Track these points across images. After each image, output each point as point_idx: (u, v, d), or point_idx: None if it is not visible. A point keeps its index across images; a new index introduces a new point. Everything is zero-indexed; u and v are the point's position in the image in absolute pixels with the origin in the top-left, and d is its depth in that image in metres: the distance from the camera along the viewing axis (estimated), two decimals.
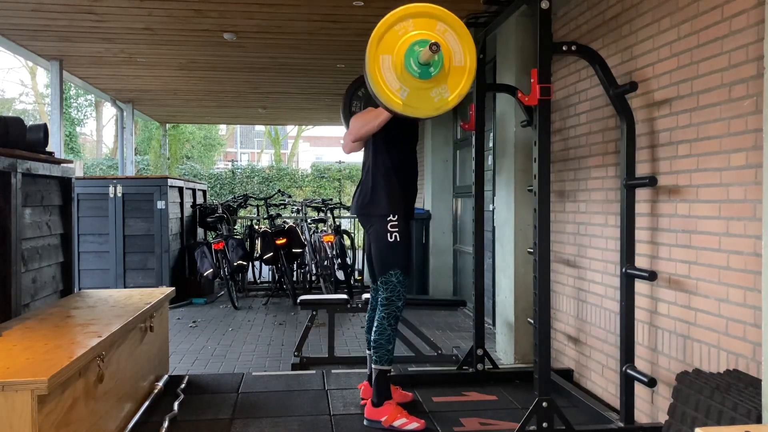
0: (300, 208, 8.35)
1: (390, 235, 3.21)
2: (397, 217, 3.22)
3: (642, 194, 3.08)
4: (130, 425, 3.01)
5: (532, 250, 3.05)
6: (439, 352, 4.55)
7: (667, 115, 2.91)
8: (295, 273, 7.93)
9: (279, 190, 9.84)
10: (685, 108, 2.77)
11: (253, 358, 4.80)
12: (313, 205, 8.48)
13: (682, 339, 2.80)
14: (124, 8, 4.80)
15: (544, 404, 2.83)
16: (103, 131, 23.05)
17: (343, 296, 4.88)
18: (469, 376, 3.90)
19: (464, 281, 6.89)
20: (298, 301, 4.78)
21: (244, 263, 7.37)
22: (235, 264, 7.17)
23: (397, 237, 3.21)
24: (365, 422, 3.21)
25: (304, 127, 24.34)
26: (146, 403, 3.32)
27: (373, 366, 3.23)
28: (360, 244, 9.07)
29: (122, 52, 6.17)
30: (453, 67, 2.72)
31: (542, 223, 2.89)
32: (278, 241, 7.34)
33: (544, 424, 2.82)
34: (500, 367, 4.08)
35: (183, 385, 3.77)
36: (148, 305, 3.33)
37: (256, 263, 8.10)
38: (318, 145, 39.01)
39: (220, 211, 7.86)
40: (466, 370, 3.93)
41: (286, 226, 7.65)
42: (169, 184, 6.89)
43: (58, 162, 3.74)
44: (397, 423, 3.13)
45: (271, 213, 8.42)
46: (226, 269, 7.07)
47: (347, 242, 7.97)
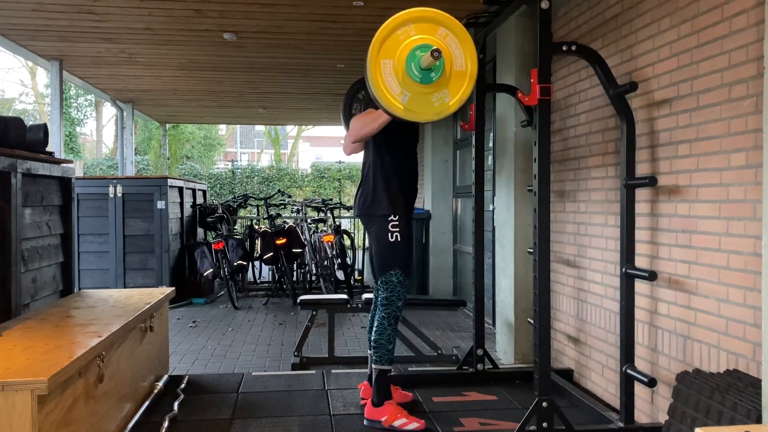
0: (300, 208, 8.35)
1: (391, 235, 3.21)
2: (398, 217, 3.22)
3: (642, 194, 3.08)
4: (130, 425, 3.01)
5: (532, 250, 3.05)
6: (439, 352, 4.55)
7: (667, 115, 2.91)
8: (295, 273, 7.93)
9: (279, 190, 9.84)
10: (685, 108, 2.77)
11: (253, 358, 4.80)
12: (313, 205, 8.49)
13: (682, 339, 2.80)
14: (124, 8, 4.81)
15: (544, 404, 2.83)
16: (103, 131, 23.06)
17: (343, 296, 4.88)
18: (469, 376, 3.90)
19: (464, 281, 6.89)
20: (298, 301, 4.78)
21: (244, 263, 7.37)
22: (235, 264, 7.16)
23: (398, 237, 3.21)
24: (365, 422, 3.21)
25: (304, 127, 24.35)
26: (146, 403, 3.32)
27: (374, 366, 3.23)
28: (360, 244, 9.07)
29: (122, 52, 6.17)
30: (454, 72, 2.72)
31: (542, 223, 2.89)
32: (278, 241, 7.34)
33: (544, 424, 2.82)
34: (500, 367, 4.08)
35: (183, 385, 3.77)
36: (148, 305, 3.33)
37: (256, 263, 8.10)
38: (318, 145, 39.03)
39: (220, 211, 7.86)
40: (466, 370, 3.93)
41: (286, 226, 7.64)
42: (169, 184, 6.89)
43: (58, 162, 3.74)
44: (397, 423, 3.13)
45: (271, 213, 8.42)
46: (226, 269, 7.07)
47: (347, 242, 7.97)
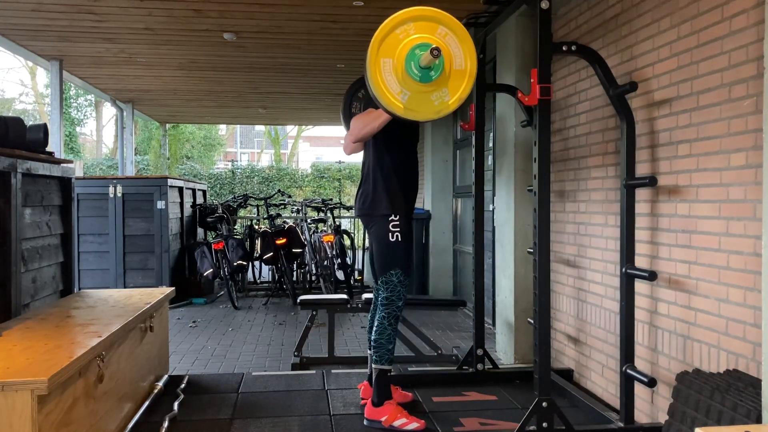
0: (300, 208, 8.35)
1: (391, 234, 3.21)
2: (398, 217, 3.22)
3: (642, 194, 3.08)
4: (130, 425, 3.01)
5: (532, 250, 3.05)
6: (439, 352, 4.55)
7: (667, 115, 2.91)
8: (295, 273, 7.93)
9: (279, 190, 9.83)
10: (685, 108, 2.77)
11: (253, 358, 4.80)
12: (313, 205, 8.48)
13: (682, 339, 2.80)
14: (124, 8, 4.81)
15: (544, 404, 2.83)
16: (103, 131, 23.07)
17: (343, 296, 4.88)
18: (469, 376, 3.90)
19: (464, 281, 6.89)
20: (298, 301, 4.78)
21: (244, 263, 7.37)
22: (235, 264, 7.16)
23: (399, 237, 3.21)
24: (365, 422, 3.21)
25: (304, 127, 24.35)
26: (146, 403, 3.32)
27: (374, 366, 3.23)
28: (360, 244, 9.07)
29: (122, 52, 6.17)
30: (454, 71, 2.72)
31: (542, 223, 2.89)
32: (278, 241, 7.34)
33: (544, 424, 2.82)
34: (500, 367, 4.08)
35: (183, 385, 3.77)
36: (148, 305, 3.34)
37: (256, 263, 8.10)
38: (318, 145, 39.04)
39: (220, 211, 7.86)
40: (466, 370, 3.93)
41: (286, 226, 7.64)
42: (169, 184, 6.89)
43: (58, 162, 3.74)
44: (397, 423, 3.13)
45: (271, 213, 8.42)
46: (226, 269, 7.07)
47: (347, 242, 7.97)
